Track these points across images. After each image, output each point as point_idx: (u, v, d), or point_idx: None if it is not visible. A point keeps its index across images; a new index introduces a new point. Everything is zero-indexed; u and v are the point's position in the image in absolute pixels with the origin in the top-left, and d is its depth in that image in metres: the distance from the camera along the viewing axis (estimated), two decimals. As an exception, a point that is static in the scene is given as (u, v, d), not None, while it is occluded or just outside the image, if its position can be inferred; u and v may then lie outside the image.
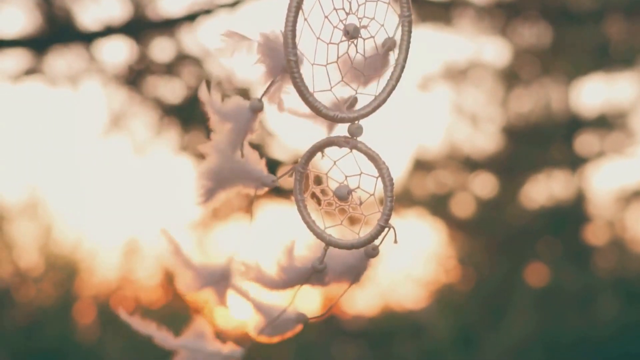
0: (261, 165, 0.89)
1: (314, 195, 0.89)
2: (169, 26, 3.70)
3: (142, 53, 3.85)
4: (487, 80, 6.24)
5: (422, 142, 6.41)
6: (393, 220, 0.88)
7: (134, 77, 3.86)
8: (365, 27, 0.84)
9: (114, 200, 5.83)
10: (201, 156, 0.88)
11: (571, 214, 6.29)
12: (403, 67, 0.85)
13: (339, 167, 0.87)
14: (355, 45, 0.84)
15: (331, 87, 0.85)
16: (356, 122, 0.85)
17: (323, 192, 0.89)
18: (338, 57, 0.84)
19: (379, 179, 0.87)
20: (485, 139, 6.36)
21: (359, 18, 0.84)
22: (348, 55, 0.84)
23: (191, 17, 3.39)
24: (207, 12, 3.35)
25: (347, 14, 0.83)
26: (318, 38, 0.83)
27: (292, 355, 5.54)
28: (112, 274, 5.87)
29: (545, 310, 5.54)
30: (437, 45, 5.94)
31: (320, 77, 0.84)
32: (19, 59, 3.85)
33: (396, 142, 6.60)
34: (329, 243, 0.88)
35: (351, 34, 0.83)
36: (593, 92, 6.25)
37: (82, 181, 5.89)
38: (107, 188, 5.78)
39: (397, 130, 6.59)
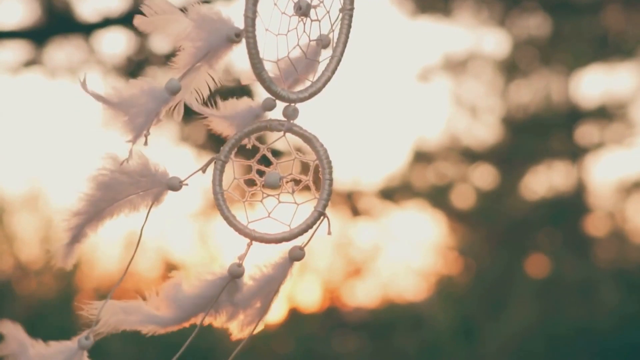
0: (158, 168, 0.79)
1: (237, 187, 0.81)
2: (167, 17, 3.70)
3: (141, 44, 3.86)
4: (487, 71, 6.24)
5: (422, 133, 6.41)
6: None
7: (134, 68, 3.87)
8: (315, 7, 0.81)
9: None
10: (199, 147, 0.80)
11: (571, 205, 6.29)
12: (339, 61, 0.81)
13: (268, 154, 0.81)
14: (304, 24, 0.81)
15: (277, 60, 0.80)
16: (293, 104, 0.80)
17: (249, 181, 0.81)
18: (288, 31, 0.80)
19: (316, 162, 0.80)
20: (485, 130, 6.36)
21: None
22: (296, 32, 0.81)
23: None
24: (206, 2, 3.34)
25: None
26: (275, 4, 0.79)
27: (292, 347, 5.55)
28: (113, 266, 5.87)
29: (546, 301, 5.54)
30: (436, 36, 5.94)
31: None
32: (18, 50, 3.86)
33: (396, 133, 6.61)
34: (253, 239, 0.79)
35: (303, 10, 0.80)
36: (593, 83, 6.24)
37: (82, 173, 5.89)
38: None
39: (397, 121, 6.59)
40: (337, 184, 0.77)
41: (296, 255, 0.79)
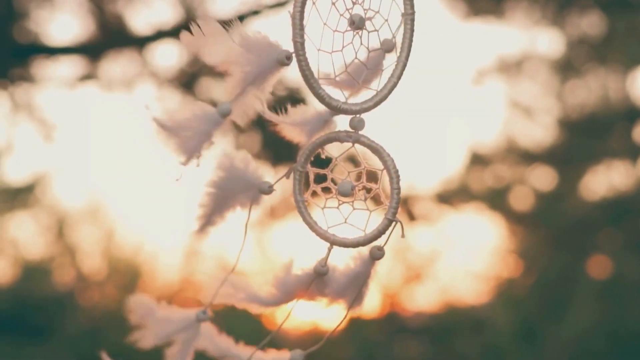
0: (255, 172, 0.85)
1: (315, 195, 0.85)
2: (219, 28, 3.72)
3: (194, 56, 3.89)
4: (542, 71, 6.19)
5: (479, 136, 6.38)
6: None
7: (187, 79, 3.90)
8: (370, 19, 0.83)
9: (174, 202, 5.89)
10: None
11: (632, 205, 6.22)
12: (405, 65, 0.83)
13: (341, 163, 0.85)
14: (360, 37, 0.83)
15: (335, 76, 0.83)
16: (358, 115, 0.83)
17: (325, 190, 0.85)
18: (343, 47, 0.83)
19: (384, 171, 0.84)
20: (542, 131, 6.31)
21: (364, 9, 0.83)
22: (353, 46, 0.83)
23: (240, 18, 3.41)
24: (255, 12, 3.37)
25: (354, 3, 0.82)
26: (324, 24, 0.82)
27: (353, 353, 5.56)
28: (174, 276, 5.93)
29: (608, 302, 5.50)
30: (490, 38, 5.91)
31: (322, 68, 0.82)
32: (74, 65, 3.92)
33: (452, 137, 6.59)
34: (333, 243, 0.84)
35: (357, 24, 0.82)
36: (650, 81, 6.17)
37: (141, 184, 5.96)
38: (166, 190, 5.84)
39: (453, 125, 6.57)
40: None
41: (376, 255, 0.86)
